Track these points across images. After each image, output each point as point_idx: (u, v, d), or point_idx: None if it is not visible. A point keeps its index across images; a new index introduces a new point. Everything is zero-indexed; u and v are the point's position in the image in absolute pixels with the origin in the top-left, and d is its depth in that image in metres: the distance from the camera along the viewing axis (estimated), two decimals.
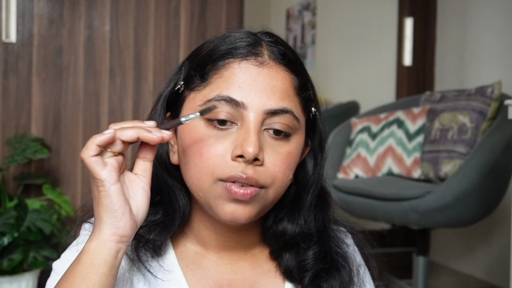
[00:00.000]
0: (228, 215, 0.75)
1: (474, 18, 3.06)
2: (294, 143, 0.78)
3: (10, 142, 2.27)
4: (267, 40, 0.79)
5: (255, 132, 0.74)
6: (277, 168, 0.76)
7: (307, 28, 4.99)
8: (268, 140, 0.76)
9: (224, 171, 0.74)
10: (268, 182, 0.75)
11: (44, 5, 2.42)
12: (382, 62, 3.80)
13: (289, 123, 0.76)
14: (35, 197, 2.34)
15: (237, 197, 0.74)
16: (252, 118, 0.74)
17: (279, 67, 0.77)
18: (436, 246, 3.25)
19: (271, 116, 0.75)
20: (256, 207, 0.76)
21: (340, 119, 3.24)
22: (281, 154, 0.76)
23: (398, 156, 2.58)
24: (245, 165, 0.73)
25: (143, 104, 2.51)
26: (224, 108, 0.74)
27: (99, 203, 0.69)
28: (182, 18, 2.56)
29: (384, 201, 2.27)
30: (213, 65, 0.77)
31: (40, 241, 2.10)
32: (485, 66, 2.96)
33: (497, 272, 2.80)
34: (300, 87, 0.79)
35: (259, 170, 0.74)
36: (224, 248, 0.83)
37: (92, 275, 0.67)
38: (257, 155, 0.73)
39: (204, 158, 0.75)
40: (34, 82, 2.41)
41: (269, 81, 0.76)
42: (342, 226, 0.92)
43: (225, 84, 0.75)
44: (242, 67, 0.76)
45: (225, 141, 0.75)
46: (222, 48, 0.78)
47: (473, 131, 2.33)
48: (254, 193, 0.74)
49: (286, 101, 0.76)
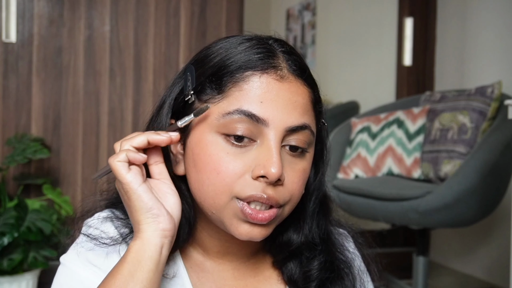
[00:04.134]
0: (244, 236, 0.74)
1: (474, 18, 3.06)
2: (308, 158, 0.77)
3: (10, 142, 2.27)
4: (280, 50, 0.77)
5: (277, 152, 0.71)
6: (294, 186, 0.74)
7: (307, 28, 4.99)
8: (285, 157, 0.74)
9: (244, 190, 0.71)
10: (287, 200, 0.74)
11: (44, 5, 2.42)
12: (382, 62, 3.80)
13: (306, 138, 0.75)
14: (35, 197, 2.34)
15: (255, 221, 0.72)
16: (273, 136, 0.72)
17: (298, 81, 0.75)
18: (436, 246, 3.25)
19: (291, 133, 0.73)
20: (272, 227, 0.75)
21: (340, 119, 3.24)
22: (297, 171, 0.75)
23: (398, 156, 2.58)
24: (266, 185, 0.71)
25: (143, 104, 2.51)
26: (244, 123, 0.71)
27: (132, 207, 0.69)
28: (182, 18, 2.56)
29: (384, 201, 2.27)
30: (231, 77, 0.73)
31: (40, 241, 2.10)
32: (485, 66, 2.96)
33: (497, 272, 2.80)
34: (316, 100, 0.78)
35: (279, 190, 0.73)
36: (226, 254, 0.82)
37: (139, 272, 0.68)
38: (280, 176, 0.71)
39: (222, 176, 0.72)
40: (34, 82, 2.41)
41: (290, 96, 0.73)
42: (342, 228, 0.91)
43: (245, 98, 0.72)
44: (262, 81, 0.73)
45: (244, 158, 0.72)
46: (238, 58, 0.74)
47: (473, 131, 2.33)
48: (273, 216, 0.73)
49: (306, 117, 0.75)
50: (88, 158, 2.47)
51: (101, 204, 0.84)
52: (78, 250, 0.77)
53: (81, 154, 2.46)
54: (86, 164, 2.47)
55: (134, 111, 2.50)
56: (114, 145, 0.73)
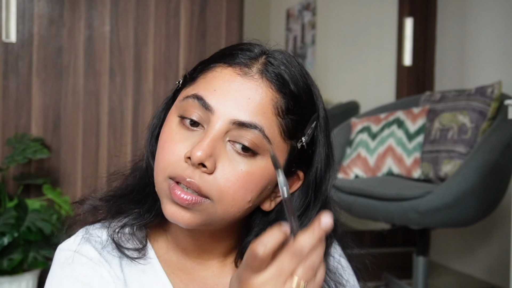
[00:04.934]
0: (169, 216, 0.73)
1: (474, 18, 3.06)
2: (260, 165, 0.72)
3: (10, 142, 2.27)
4: (271, 57, 0.75)
5: (212, 139, 0.71)
6: (228, 184, 0.71)
7: (307, 28, 4.99)
8: (229, 153, 0.72)
9: (174, 169, 0.72)
10: (214, 194, 0.71)
11: (44, 5, 2.42)
12: (382, 62, 3.80)
13: (256, 140, 0.71)
14: (35, 197, 2.34)
15: (175, 200, 0.71)
16: (215, 125, 0.71)
17: (264, 83, 0.73)
18: (436, 246, 3.25)
19: (238, 129, 0.71)
20: (198, 217, 0.72)
21: (340, 119, 3.24)
22: (238, 171, 0.71)
23: (398, 156, 2.58)
24: (193, 169, 0.71)
25: (143, 104, 2.51)
26: (195, 108, 0.73)
27: None
28: (182, 18, 2.56)
29: (384, 201, 2.27)
30: (204, 67, 0.76)
31: (40, 241, 2.10)
32: (485, 66, 2.96)
33: (497, 272, 2.80)
34: (285, 109, 0.73)
35: (205, 179, 0.71)
36: (203, 252, 0.81)
37: None
38: (203, 161, 0.70)
39: (164, 153, 0.73)
40: (34, 82, 2.41)
41: (246, 92, 0.72)
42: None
43: (204, 86, 0.74)
44: (225, 73, 0.74)
45: (187, 142, 0.72)
46: (219, 53, 0.77)
47: (473, 131, 2.33)
48: (193, 201, 0.71)
49: (259, 117, 0.71)
50: (88, 158, 2.47)
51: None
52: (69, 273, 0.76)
53: (81, 154, 2.47)
54: (86, 164, 2.47)
55: (134, 111, 2.50)
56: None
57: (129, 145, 2.46)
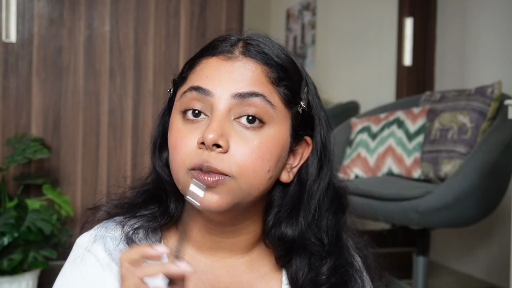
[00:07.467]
0: (199, 205, 0.74)
1: (474, 18, 3.06)
2: (269, 134, 0.76)
3: (10, 142, 2.27)
4: (248, 39, 0.79)
5: (218, 119, 0.73)
6: (245, 157, 0.73)
7: (307, 28, 4.99)
8: (238, 130, 0.74)
9: (192, 160, 0.74)
10: (234, 170, 0.73)
11: (44, 5, 2.42)
12: (382, 62, 3.80)
13: (261, 107, 0.75)
14: (35, 197, 2.34)
15: (201, 182, 0.73)
16: (219, 105, 0.74)
17: (249, 60, 0.77)
18: (436, 246, 3.25)
19: (241, 102, 0.74)
20: (226, 197, 0.74)
21: (340, 119, 3.24)
22: (251, 144, 0.74)
23: (398, 156, 2.58)
24: (208, 153, 0.73)
25: (143, 104, 2.51)
26: (195, 99, 0.76)
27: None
28: (182, 18, 2.56)
29: (384, 201, 2.27)
30: (190, 63, 0.80)
31: (40, 241, 2.10)
32: (485, 66, 2.96)
33: (497, 272, 2.80)
34: (277, 77, 0.77)
35: (221, 158, 0.73)
36: (219, 250, 0.81)
37: None
38: (216, 141, 0.72)
39: (177, 151, 0.75)
40: (34, 82, 2.41)
41: (237, 71, 0.76)
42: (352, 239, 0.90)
43: (196, 77, 0.77)
44: (212, 61, 0.78)
45: (196, 133, 0.75)
46: (204, 48, 0.81)
47: (473, 131, 2.33)
48: (217, 179, 0.73)
49: (257, 86, 0.75)
50: (88, 158, 2.47)
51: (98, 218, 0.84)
52: (74, 273, 0.78)
53: (81, 154, 2.47)
54: (86, 164, 2.47)
55: (134, 111, 2.50)
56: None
57: (129, 145, 2.47)
